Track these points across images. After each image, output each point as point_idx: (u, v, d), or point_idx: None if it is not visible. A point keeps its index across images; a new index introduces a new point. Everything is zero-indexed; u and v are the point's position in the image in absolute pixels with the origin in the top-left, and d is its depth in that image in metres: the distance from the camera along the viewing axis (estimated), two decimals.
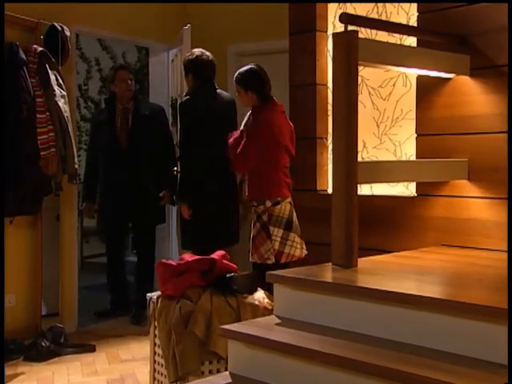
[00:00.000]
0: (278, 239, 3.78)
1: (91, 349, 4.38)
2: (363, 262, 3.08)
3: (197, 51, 4.52)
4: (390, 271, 2.96)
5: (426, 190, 3.73)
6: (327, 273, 2.88)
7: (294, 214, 3.90)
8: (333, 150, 3.02)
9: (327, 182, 4.44)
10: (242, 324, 2.81)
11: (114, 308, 5.33)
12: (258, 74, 3.91)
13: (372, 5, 4.08)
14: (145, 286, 5.16)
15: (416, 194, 3.82)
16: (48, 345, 4.23)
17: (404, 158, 3.95)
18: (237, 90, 4.00)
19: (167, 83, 5.80)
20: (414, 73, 3.50)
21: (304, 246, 3.93)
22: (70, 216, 4.87)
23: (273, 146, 3.82)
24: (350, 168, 2.94)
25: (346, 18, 2.91)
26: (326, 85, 4.40)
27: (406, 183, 3.93)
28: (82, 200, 5.26)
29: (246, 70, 3.94)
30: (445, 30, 3.58)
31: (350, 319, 2.65)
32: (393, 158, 3.99)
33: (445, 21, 3.61)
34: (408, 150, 3.95)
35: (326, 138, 4.43)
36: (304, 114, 4.39)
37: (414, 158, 3.87)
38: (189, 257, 3.36)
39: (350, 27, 2.91)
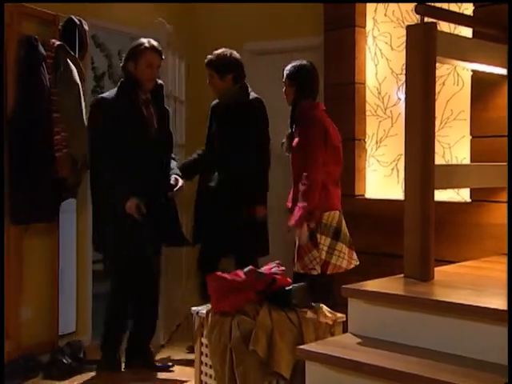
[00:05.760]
0: (325, 248, 3.50)
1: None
2: (435, 273, 2.85)
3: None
4: (471, 284, 2.73)
5: (482, 196, 3.52)
6: (406, 286, 2.65)
7: (343, 223, 3.61)
8: (406, 152, 2.79)
9: (365, 187, 4.22)
10: (318, 344, 2.56)
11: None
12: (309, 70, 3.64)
13: None
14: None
15: (470, 200, 3.61)
16: (69, 362, 3.92)
17: (454, 161, 3.74)
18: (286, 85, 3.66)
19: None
20: (489, 71, 3.26)
21: (354, 257, 3.65)
22: (85, 224, 4.55)
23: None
24: (427, 172, 2.72)
25: (423, 10, 2.68)
26: (364, 84, 4.18)
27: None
28: (123, 196, 3.75)
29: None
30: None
31: (437, 337, 2.42)
32: (442, 162, 3.77)
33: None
34: (459, 152, 3.74)
35: (365, 140, 4.21)
36: (341, 115, 4.15)
37: (466, 161, 3.67)
38: (243, 274, 3.10)
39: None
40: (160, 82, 4.07)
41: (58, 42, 4.06)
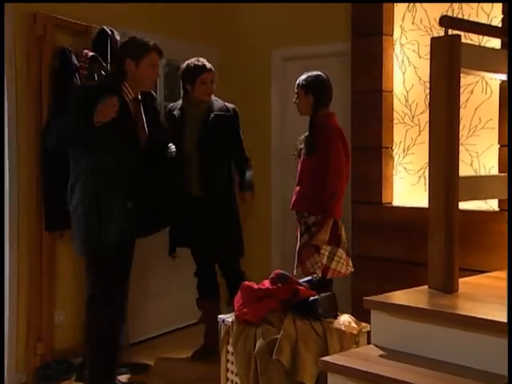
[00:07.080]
0: (327, 253, 3.61)
1: (145, 368, 4.16)
2: (460, 284, 2.85)
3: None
4: (495, 297, 2.71)
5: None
6: (430, 299, 2.65)
7: (343, 230, 3.73)
8: (430, 164, 2.80)
9: (392, 194, 4.22)
10: (341, 356, 2.58)
11: None
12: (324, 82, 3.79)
13: (446, 6, 3.85)
14: None
15: (498, 209, 3.59)
16: None
17: (483, 171, 3.72)
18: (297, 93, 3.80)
19: None
20: None
21: (350, 264, 3.74)
22: None
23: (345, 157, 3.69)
24: (451, 183, 2.72)
25: (447, 22, 2.69)
26: (391, 91, 4.18)
27: None
28: None
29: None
30: None
31: (461, 351, 2.42)
32: (470, 170, 3.75)
33: None
34: (487, 161, 3.71)
35: (392, 148, 4.21)
36: (368, 123, 4.17)
37: (494, 170, 3.65)
38: (268, 283, 3.14)
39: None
40: None
41: (90, 53, 4.14)
